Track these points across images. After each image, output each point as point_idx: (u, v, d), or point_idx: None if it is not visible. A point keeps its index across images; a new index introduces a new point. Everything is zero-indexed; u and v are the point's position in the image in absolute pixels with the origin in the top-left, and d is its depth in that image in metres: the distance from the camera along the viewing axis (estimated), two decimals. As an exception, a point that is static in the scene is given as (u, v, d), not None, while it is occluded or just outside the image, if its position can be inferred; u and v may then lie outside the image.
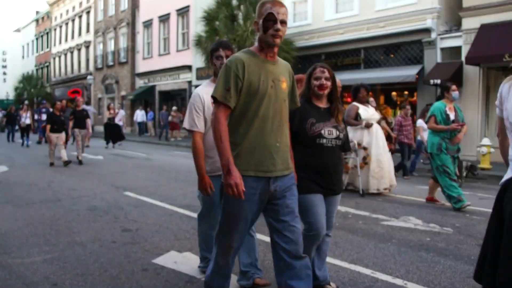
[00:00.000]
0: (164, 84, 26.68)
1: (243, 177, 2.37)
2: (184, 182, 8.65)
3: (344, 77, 15.03)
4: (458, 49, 13.01)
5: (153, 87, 27.58)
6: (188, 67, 24.01)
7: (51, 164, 11.09)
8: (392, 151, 9.27)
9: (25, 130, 18.00)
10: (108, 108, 18.39)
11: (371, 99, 8.56)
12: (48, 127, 11.20)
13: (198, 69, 23.15)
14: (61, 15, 41.41)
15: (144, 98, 28.20)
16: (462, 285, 3.49)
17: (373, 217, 5.78)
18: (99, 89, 33.84)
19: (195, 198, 6.97)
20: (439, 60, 13.39)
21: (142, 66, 28.49)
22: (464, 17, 12.78)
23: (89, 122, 12.51)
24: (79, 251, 4.23)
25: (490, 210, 2.32)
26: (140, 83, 29.27)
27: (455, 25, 13.53)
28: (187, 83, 24.49)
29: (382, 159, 7.38)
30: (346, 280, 3.55)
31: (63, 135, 11.50)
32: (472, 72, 12.50)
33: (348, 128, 6.62)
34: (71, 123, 12.02)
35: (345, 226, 5.28)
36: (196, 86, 22.37)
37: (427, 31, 13.45)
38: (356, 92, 7.36)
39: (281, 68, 2.60)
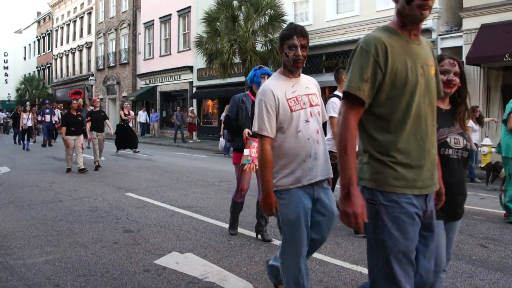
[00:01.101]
0: (165, 85, 26.71)
1: (398, 196, 1.84)
2: (186, 183, 8.66)
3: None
4: (458, 49, 12.99)
5: (154, 88, 27.61)
6: (189, 68, 24.03)
7: (68, 170, 10.07)
8: None
9: (27, 132, 16.83)
10: (122, 108, 15.99)
11: None
12: (64, 129, 10.10)
13: (199, 70, 23.16)
14: (62, 16, 41.52)
15: (145, 99, 28.24)
16: (463, 285, 3.49)
17: (374, 217, 5.77)
18: (101, 90, 33.90)
19: (197, 199, 7.02)
20: (440, 60, 13.37)
21: (143, 67, 28.53)
22: (464, 17, 12.76)
23: (109, 123, 11.51)
24: (81, 252, 4.24)
25: (492, 210, 2.32)
26: (141, 84, 29.31)
27: (455, 25, 13.52)
28: (188, 84, 24.51)
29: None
30: (348, 281, 3.55)
31: (81, 137, 10.39)
32: (472, 72, 12.48)
33: None
34: (88, 125, 10.82)
35: (346, 227, 5.27)
36: (197, 87, 22.20)
37: (427, 31, 13.43)
38: None
39: (426, 49, 1.98)
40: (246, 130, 4.38)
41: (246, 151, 4.36)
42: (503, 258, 4.19)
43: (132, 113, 16.72)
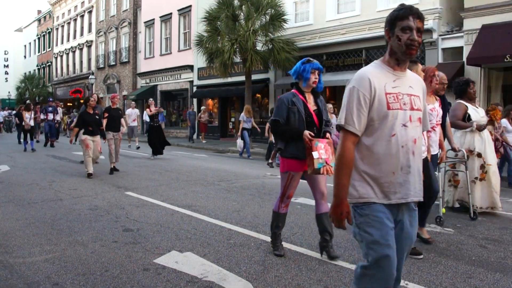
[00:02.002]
0: (166, 84, 26.71)
1: None
2: (186, 182, 8.65)
3: (345, 78, 15.03)
4: (459, 49, 13.00)
5: (154, 86, 27.62)
6: (190, 67, 24.04)
7: (89, 175, 9.02)
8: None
9: (29, 132, 15.79)
10: (148, 106, 13.46)
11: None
12: (76, 130, 9.19)
13: (199, 69, 23.17)
14: (63, 14, 41.55)
15: (145, 98, 28.22)
16: (463, 285, 3.49)
17: (374, 217, 5.76)
18: (101, 88, 33.90)
19: (196, 198, 7.01)
20: (440, 60, 13.37)
21: (144, 65, 28.53)
22: (465, 18, 12.76)
23: (123, 121, 10.68)
24: (80, 251, 4.24)
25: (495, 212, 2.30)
26: (141, 82, 29.32)
27: (456, 25, 13.52)
28: (189, 83, 24.51)
29: (496, 170, 6.03)
30: (347, 281, 3.55)
31: (99, 140, 9.37)
32: (473, 73, 12.48)
33: (454, 132, 5.91)
34: (104, 122, 9.79)
35: (346, 227, 5.26)
36: (198, 86, 22.07)
37: (428, 31, 13.43)
38: (465, 87, 5.93)
39: None
40: (307, 132, 3.85)
41: (315, 154, 3.81)
42: (503, 258, 4.18)
43: (157, 108, 13.96)
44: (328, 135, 4.07)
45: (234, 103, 22.66)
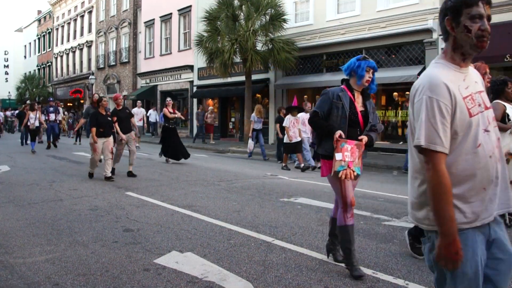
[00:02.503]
0: (166, 84, 26.72)
1: None
2: (186, 182, 8.65)
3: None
4: (459, 49, 13.00)
5: (154, 87, 27.62)
6: (190, 67, 24.05)
7: (91, 175, 9.09)
8: None
9: (35, 133, 15.24)
10: (166, 105, 12.52)
11: None
12: (94, 130, 8.83)
13: (199, 69, 23.17)
14: (63, 15, 41.59)
15: (145, 98, 28.25)
16: (463, 286, 3.49)
17: (374, 217, 5.78)
18: (101, 89, 33.92)
19: (197, 198, 7.01)
20: (440, 60, 13.38)
21: (144, 66, 28.54)
22: (465, 18, 12.77)
23: (134, 121, 10.31)
24: (81, 251, 4.24)
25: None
26: (141, 83, 29.34)
27: (456, 25, 13.53)
28: (189, 83, 24.52)
29: None
30: (347, 281, 3.55)
31: (111, 140, 9.10)
32: (473, 73, 12.49)
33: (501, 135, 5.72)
34: (116, 125, 9.44)
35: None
36: (198, 86, 22.03)
37: (428, 31, 13.43)
38: (503, 87, 5.68)
39: None
40: (338, 132, 3.61)
41: (338, 156, 3.61)
42: (503, 258, 4.18)
43: (178, 112, 13.26)
44: (364, 138, 3.73)
45: (234, 103, 22.66)
